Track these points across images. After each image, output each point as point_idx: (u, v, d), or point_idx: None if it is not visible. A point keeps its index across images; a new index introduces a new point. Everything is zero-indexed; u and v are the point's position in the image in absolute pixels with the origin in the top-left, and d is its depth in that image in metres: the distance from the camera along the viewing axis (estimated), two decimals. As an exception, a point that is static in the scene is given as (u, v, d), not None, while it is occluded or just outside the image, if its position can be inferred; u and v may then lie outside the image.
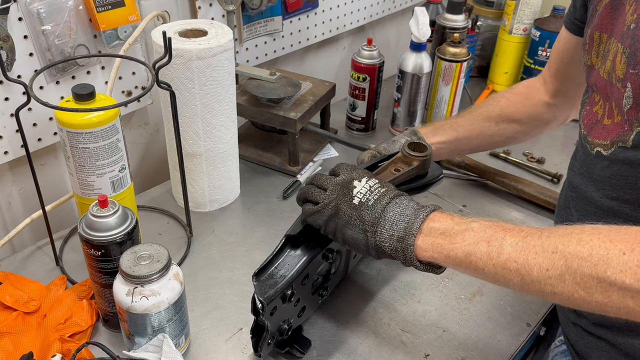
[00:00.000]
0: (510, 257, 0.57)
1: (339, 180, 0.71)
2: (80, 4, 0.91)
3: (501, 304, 0.88)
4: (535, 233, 0.58)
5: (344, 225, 0.68)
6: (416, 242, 0.64)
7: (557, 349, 0.86)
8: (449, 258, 0.62)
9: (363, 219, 0.67)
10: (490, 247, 0.59)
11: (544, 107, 0.97)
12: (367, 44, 1.23)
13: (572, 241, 0.54)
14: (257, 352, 0.74)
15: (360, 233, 0.67)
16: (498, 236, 0.59)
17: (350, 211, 0.68)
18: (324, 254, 0.76)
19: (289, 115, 1.08)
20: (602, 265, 0.52)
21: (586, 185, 0.74)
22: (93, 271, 0.75)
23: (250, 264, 0.92)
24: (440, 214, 0.66)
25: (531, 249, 0.57)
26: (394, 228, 0.65)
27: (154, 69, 0.77)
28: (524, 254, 0.57)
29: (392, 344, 0.81)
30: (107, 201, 0.72)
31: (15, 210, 1.02)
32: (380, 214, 0.66)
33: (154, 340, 0.71)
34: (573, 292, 0.54)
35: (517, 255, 0.57)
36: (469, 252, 0.60)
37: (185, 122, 0.93)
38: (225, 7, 1.08)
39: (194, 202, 1.04)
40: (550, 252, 0.55)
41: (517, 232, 0.59)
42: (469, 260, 0.60)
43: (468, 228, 0.62)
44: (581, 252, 0.53)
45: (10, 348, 0.74)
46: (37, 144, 0.96)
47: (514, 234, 0.59)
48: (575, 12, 0.85)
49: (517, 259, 0.57)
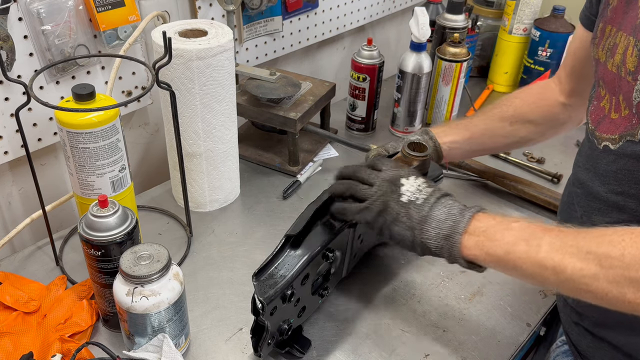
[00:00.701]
0: (547, 256, 0.60)
1: (385, 177, 0.73)
2: (80, 4, 0.91)
3: (501, 304, 0.88)
4: (572, 234, 0.60)
5: (392, 222, 0.70)
6: (462, 240, 0.66)
7: (559, 349, 0.86)
8: (489, 256, 0.65)
9: (411, 216, 0.69)
10: (529, 246, 0.62)
11: (559, 107, 0.95)
12: (367, 44, 1.23)
13: (605, 242, 0.57)
14: (257, 352, 0.74)
15: (408, 230, 0.69)
16: (537, 235, 0.62)
17: (398, 208, 0.70)
18: (324, 254, 0.76)
19: (289, 115, 1.08)
20: (635, 265, 0.54)
21: (592, 180, 0.74)
22: (93, 271, 0.75)
23: (250, 264, 0.92)
24: (483, 215, 0.68)
25: (567, 249, 0.59)
26: (440, 226, 0.68)
27: (154, 69, 0.77)
28: (560, 254, 0.59)
29: (392, 344, 0.81)
30: (107, 201, 0.72)
31: (15, 210, 1.02)
32: (427, 213, 0.69)
33: (154, 340, 0.71)
34: (607, 292, 0.56)
35: (554, 255, 0.60)
36: (508, 250, 0.63)
37: (185, 122, 0.93)
38: (225, 7, 1.08)
39: (194, 202, 1.04)
40: (584, 252, 0.58)
41: (556, 233, 0.61)
42: (508, 259, 0.63)
43: (509, 227, 0.65)
44: (613, 253, 0.56)
45: (10, 348, 0.74)
46: (37, 144, 0.96)
47: (552, 234, 0.61)
48: (591, 7, 0.83)
49: (553, 257, 0.59)
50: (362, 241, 0.86)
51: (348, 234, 0.80)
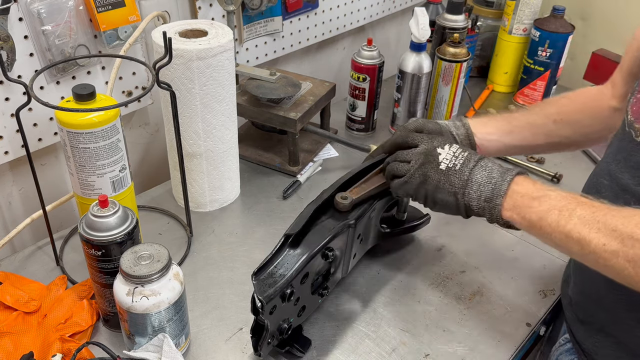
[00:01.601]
0: (575, 228, 0.63)
1: (421, 150, 0.77)
2: (81, 4, 0.91)
3: (501, 304, 0.88)
4: (604, 210, 0.63)
5: (434, 190, 0.75)
6: (502, 203, 0.70)
7: (562, 348, 0.86)
8: (524, 220, 0.69)
9: (452, 182, 0.73)
10: (561, 215, 0.65)
11: (609, 111, 0.89)
12: (367, 44, 1.23)
13: (632, 223, 0.59)
14: (257, 351, 0.74)
15: (451, 196, 0.74)
16: (570, 207, 0.65)
17: (438, 176, 0.74)
18: (324, 253, 0.76)
19: (289, 115, 1.08)
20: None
21: (621, 172, 0.73)
22: (93, 271, 0.75)
23: (250, 263, 0.92)
24: (523, 178, 0.71)
25: (595, 224, 0.62)
26: (481, 190, 0.72)
27: (154, 69, 0.77)
28: (587, 227, 0.62)
29: (392, 344, 0.81)
30: (108, 201, 0.72)
31: (16, 210, 1.02)
32: (468, 177, 0.73)
33: (154, 340, 0.71)
34: (623, 269, 0.59)
35: (581, 228, 0.62)
36: (541, 217, 0.66)
37: (185, 122, 0.93)
38: (226, 7, 1.08)
39: (194, 202, 1.04)
40: (610, 229, 0.60)
41: (588, 207, 0.64)
42: (540, 225, 0.67)
43: (545, 195, 0.68)
44: (637, 234, 0.58)
45: (11, 348, 0.74)
46: (37, 144, 0.96)
47: (585, 208, 0.64)
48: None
49: (580, 230, 0.62)
50: (362, 241, 0.86)
51: (348, 234, 0.80)
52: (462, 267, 0.95)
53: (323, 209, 0.81)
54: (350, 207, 0.81)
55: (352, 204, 0.81)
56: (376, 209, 0.85)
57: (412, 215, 0.98)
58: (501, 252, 0.99)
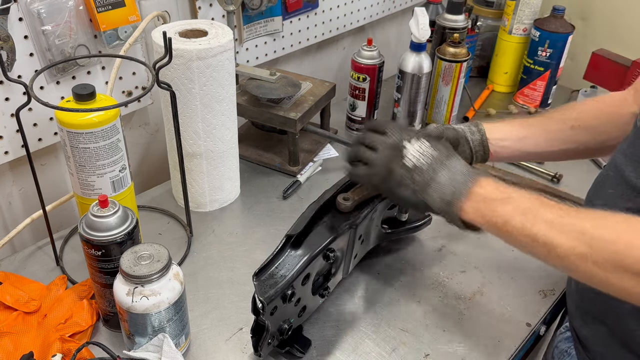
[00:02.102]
0: (541, 232, 0.62)
1: (389, 142, 0.75)
2: (81, 4, 0.91)
3: (501, 304, 0.88)
4: (571, 213, 0.62)
5: (396, 186, 0.74)
6: (462, 206, 0.69)
7: (562, 335, 0.87)
8: (488, 223, 0.68)
9: (415, 180, 0.72)
10: (525, 218, 0.63)
11: (629, 117, 0.83)
12: (367, 44, 1.23)
13: (601, 225, 0.58)
14: (257, 351, 0.74)
15: (412, 194, 0.73)
16: (534, 209, 0.64)
17: (403, 172, 0.73)
18: (325, 254, 0.76)
19: (289, 115, 1.08)
20: (624, 252, 0.55)
21: (626, 165, 0.72)
22: (93, 271, 0.75)
23: (250, 264, 0.92)
24: (486, 181, 0.70)
25: (562, 227, 0.60)
26: (443, 191, 0.71)
27: (154, 69, 0.77)
28: (554, 231, 0.61)
29: (392, 344, 0.81)
30: (108, 201, 0.72)
31: (16, 210, 1.02)
32: (431, 177, 0.71)
33: (154, 340, 0.71)
34: (593, 274, 0.58)
35: (547, 231, 0.61)
36: (505, 221, 0.65)
37: (185, 122, 0.93)
38: (226, 7, 1.08)
39: (194, 202, 1.04)
40: (578, 231, 0.59)
41: (554, 210, 0.63)
42: (505, 229, 0.65)
43: (509, 197, 0.67)
44: (607, 236, 0.57)
45: (11, 348, 0.74)
46: (37, 144, 0.96)
47: (550, 211, 0.63)
48: None
49: (546, 233, 0.61)
50: (363, 241, 0.86)
51: (349, 235, 0.80)
52: (462, 267, 0.95)
53: (325, 210, 0.81)
54: (352, 208, 0.81)
55: (354, 205, 0.81)
56: (377, 209, 0.85)
57: (414, 216, 0.98)
58: (501, 252, 0.99)
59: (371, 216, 0.83)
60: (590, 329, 0.78)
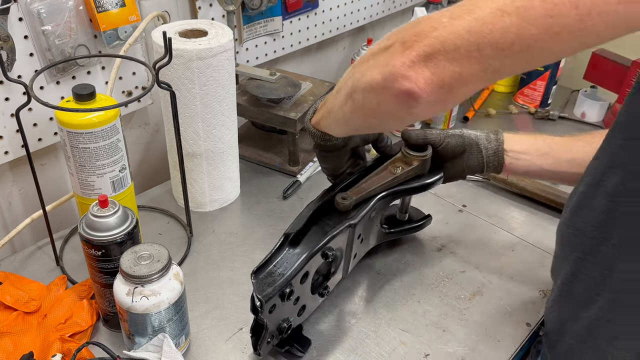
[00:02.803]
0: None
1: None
2: (81, 4, 0.91)
3: (501, 304, 0.88)
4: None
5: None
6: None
7: None
8: (321, 119, 0.75)
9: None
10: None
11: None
12: (367, 44, 1.23)
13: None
14: (257, 350, 0.74)
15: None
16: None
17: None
18: (324, 252, 0.76)
19: (289, 115, 1.08)
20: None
21: None
22: (93, 271, 0.75)
23: (250, 263, 0.92)
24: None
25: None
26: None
27: (154, 69, 0.77)
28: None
29: (392, 344, 0.81)
30: (108, 201, 0.72)
31: (16, 210, 1.02)
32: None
33: (154, 340, 0.71)
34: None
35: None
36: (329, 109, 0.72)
37: (185, 122, 0.93)
38: (226, 7, 1.08)
39: (194, 202, 1.04)
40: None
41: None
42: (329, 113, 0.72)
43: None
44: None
45: (11, 348, 0.74)
46: (37, 144, 0.96)
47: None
48: None
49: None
50: (363, 241, 0.86)
51: (348, 234, 0.80)
52: (462, 267, 0.95)
53: (324, 209, 0.81)
54: (351, 207, 0.81)
55: (353, 204, 0.81)
56: (377, 209, 0.85)
57: (414, 215, 0.98)
58: (501, 252, 0.99)
59: (370, 215, 0.83)
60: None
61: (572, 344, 0.71)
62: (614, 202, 0.60)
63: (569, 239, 0.69)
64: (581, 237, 0.66)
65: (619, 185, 0.59)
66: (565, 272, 0.70)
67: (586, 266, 0.66)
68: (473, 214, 1.08)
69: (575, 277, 0.68)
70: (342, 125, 0.71)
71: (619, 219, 0.61)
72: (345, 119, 0.67)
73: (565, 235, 0.70)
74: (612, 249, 0.62)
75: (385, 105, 0.56)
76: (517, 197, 1.12)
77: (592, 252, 0.65)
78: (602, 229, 0.63)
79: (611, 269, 0.63)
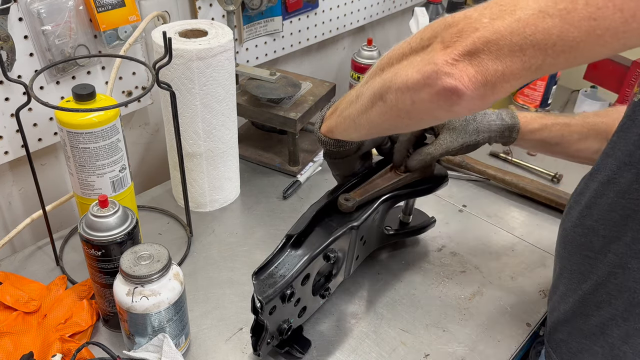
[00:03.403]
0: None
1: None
2: (81, 4, 0.91)
3: (501, 304, 0.88)
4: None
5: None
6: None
7: None
8: (334, 127, 0.75)
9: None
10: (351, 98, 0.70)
11: None
12: (367, 44, 1.23)
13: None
14: (256, 351, 0.74)
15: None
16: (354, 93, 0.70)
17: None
18: (325, 254, 0.76)
19: (289, 116, 1.08)
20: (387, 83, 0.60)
21: None
22: (93, 271, 0.75)
23: (250, 264, 0.92)
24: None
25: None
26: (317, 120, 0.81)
27: (154, 69, 0.77)
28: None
29: (392, 344, 0.81)
30: (108, 201, 0.72)
31: (16, 210, 1.02)
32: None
33: (154, 340, 0.71)
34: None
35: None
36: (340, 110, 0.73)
37: (185, 122, 0.93)
38: (226, 7, 1.08)
39: (194, 202, 1.04)
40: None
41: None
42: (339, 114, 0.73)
43: (346, 95, 0.73)
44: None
45: (11, 348, 0.74)
46: (37, 144, 0.96)
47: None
48: None
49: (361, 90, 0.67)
50: (365, 243, 0.86)
51: (351, 236, 0.79)
52: (462, 267, 0.95)
53: (326, 211, 0.81)
54: (354, 208, 0.80)
55: (355, 206, 0.80)
56: (380, 211, 0.84)
57: (417, 218, 0.98)
58: (501, 252, 0.99)
59: (373, 217, 0.83)
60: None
61: (584, 342, 0.71)
62: (627, 199, 0.61)
63: (575, 238, 0.69)
64: (591, 236, 0.66)
65: (633, 183, 0.60)
66: (571, 272, 0.70)
67: (596, 265, 0.66)
68: (473, 214, 1.08)
69: (583, 276, 0.68)
70: (365, 129, 0.69)
71: (632, 216, 0.61)
72: (370, 122, 0.66)
73: (570, 234, 0.70)
74: (625, 247, 0.62)
75: (422, 104, 0.56)
76: (517, 197, 1.12)
77: (602, 250, 0.65)
78: (614, 227, 0.63)
79: (624, 267, 0.63)
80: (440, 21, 0.54)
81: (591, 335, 0.70)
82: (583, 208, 0.68)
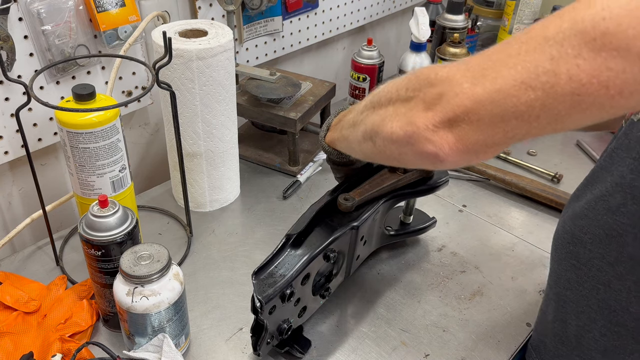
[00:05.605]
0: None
1: None
2: (81, 4, 0.91)
3: (501, 304, 0.88)
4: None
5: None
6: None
7: None
8: (337, 140, 0.76)
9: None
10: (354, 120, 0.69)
11: None
12: (367, 44, 1.23)
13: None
14: (256, 351, 0.74)
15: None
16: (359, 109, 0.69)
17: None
18: (326, 254, 0.76)
19: (289, 115, 1.08)
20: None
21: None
22: (93, 271, 0.75)
23: (250, 263, 0.92)
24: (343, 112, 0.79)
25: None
26: (322, 129, 0.82)
27: (154, 69, 0.77)
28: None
29: (392, 344, 0.81)
30: (107, 201, 0.72)
31: (16, 210, 1.02)
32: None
33: (154, 340, 0.71)
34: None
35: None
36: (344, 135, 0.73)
37: (185, 122, 0.93)
38: (226, 7, 1.08)
39: (194, 202, 1.04)
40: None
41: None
42: (344, 136, 0.73)
43: (350, 110, 0.74)
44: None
45: (11, 348, 0.74)
46: (37, 144, 0.96)
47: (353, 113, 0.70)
48: None
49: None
50: (366, 243, 0.86)
51: (351, 236, 0.79)
52: (462, 267, 0.95)
53: (326, 210, 0.81)
54: (353, 208, 0.80)
55: (355, 206, 0.80)
56: (380, 211, 0.84)
57: (418, 218, 0.98)
58: (501, 252, 0.99)
59: (373, 217, 0.83)
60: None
61: (561, 349, 0.71)
62: (614, 220, 0.60)
63: (564, 245, 0.68)
64: (579, 246, 0.65)
65: (621, 206, 0.59)
66: (558, 276, 0.70)
67: (581, 276, 0.65)
68: (473, 214, 1.08)
69: (569, 283, 0.68)
70: (361, 157, 0.69)
71: (616, 238, 0.60)
72: (365, 155, 0.66)
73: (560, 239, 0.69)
74: (608, 267, 0.61)
75: (407, 156, 0.55)
76: (517, 197, 1.12)
77: (588, 264, 0.64)
78: (600, 244, 0.62)
79: (606, 285, 0.62)
80: (426, 72, 0.52)
81: (568, 342, 0.70)
82: (575, 216, 0.67)
